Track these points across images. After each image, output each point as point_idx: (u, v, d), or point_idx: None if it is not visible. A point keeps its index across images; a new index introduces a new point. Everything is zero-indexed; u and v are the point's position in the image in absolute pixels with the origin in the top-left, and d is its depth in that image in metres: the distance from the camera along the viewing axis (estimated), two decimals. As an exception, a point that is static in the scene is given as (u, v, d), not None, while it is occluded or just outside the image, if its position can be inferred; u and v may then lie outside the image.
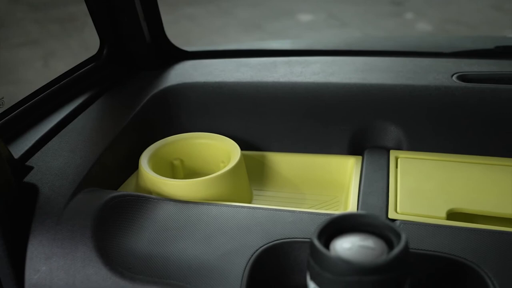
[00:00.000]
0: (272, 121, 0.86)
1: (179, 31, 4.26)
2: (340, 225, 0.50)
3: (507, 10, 4.26)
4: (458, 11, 4.34)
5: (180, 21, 4.49)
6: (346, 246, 0.48)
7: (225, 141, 0.82)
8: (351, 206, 0.70)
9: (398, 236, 0.48)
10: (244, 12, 4.64)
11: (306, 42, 1.18)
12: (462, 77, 0.88)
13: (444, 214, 0.68)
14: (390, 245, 0.48)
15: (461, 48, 1.02)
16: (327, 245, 0.49)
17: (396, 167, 0.78)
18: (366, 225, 0.50)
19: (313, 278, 0.48)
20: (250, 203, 0.80)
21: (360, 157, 0.82)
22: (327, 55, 1.02)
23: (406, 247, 0.46)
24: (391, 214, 0.68)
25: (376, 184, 0.74)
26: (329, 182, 0.82)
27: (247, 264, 0.59)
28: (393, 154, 0.81)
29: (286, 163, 0.85)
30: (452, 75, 0.88)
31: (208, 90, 0.90)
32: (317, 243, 0.47)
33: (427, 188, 0.73)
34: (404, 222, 0.66)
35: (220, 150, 0.81)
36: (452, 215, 0.69)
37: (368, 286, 0.45)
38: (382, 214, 0.68)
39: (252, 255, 0.60)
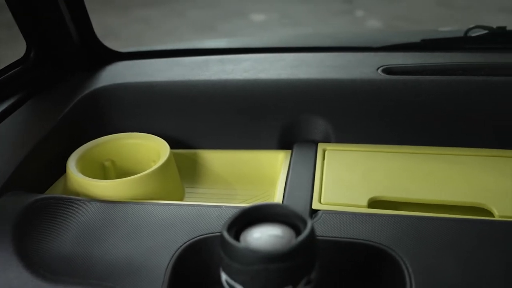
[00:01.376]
0: (203, 119, 0.87)
1: (132, 34, 4.22)
2: (251, 217, 0.51)
3: (451, 6, 4.39)
4: (406, 7, 4.45)
5: (133, 24, 4.45)
6: (256, 236, 0.49)
7: (155, 140, 0.82)
8: (277, 199, 0.72)
9: (305, 224, 0.49)
10: (197, 14, 4.64)
11: (240, 41, 1.19)
12: (387, 70, 0.91)
13: (365, 203, 0.70)
14: (298, 233, 0.49)
15: (389, 43, 1.05)
16: (238, 236, 0.50)
17: (323, 159, 0.80)
18: (276, 215, 0.51)
19: (224, 269, 0.49)
20: (181, 200, 0.80)
21: (289, 151, 0.83)
22: (259, 52, 1.03)
23: (311, 235, 0.48)
24: (315, 205, 0.70)
25: (302, 177, 0.75)
26: (259, 176, 0.84)
27: (170, 259, 0.60)
28: (321, 146, 0.83)
29: (217, 160, 0.86)
30: (378, 69, 0.91)
31: (139, 91, 0.90)
32: (225, 234, 0.48)
33: (351, 179, 0.75)
34: (327, 212, 0.67)
35: (150, 150, 0.82)
36: (373, 203, 0.71)
37: (274, 273, 0.46)
38: (307, 205, 0.70)
39: (176, 251, 0.61)
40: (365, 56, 0.98)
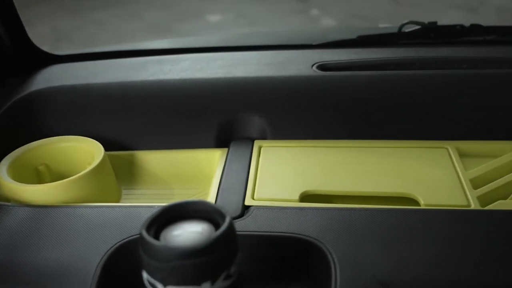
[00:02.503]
0: (140, 120, 0.87)
1: (85, 37, 4.15)
2: (172, 215, 0.51)
3: (402, 3, 4.49)
4: (359, 5, 4.52)
5: (87, 27, 4.37)
6: (176, 233, 0.50)
7: (89, 142, 0.81)
8: (210, 197, 0.72)
9: (225, 219, 0.50)
10: (153, 15, 4.59)
11: (180, 41, 1.19)
12: (322, 67, 0.93)
13: (297, 197, 0.71)
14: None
15: (327, 40, 1.07)
16: (159, 234, 0.50)
17: (259, 156, 0.81)
18: (197, 212, 0.52)
19: (144, 268, 0.49)
20: (118, 202, 0.80)
21: (226, 149, 0.84)
22: (198, 52, 1.04)
23: (228, 229, 0.48)
24: (248, 201, 0.70)
25: (237, 174, 0.76)
26: (197, 175, 0.84)
27: (100, 261, 0.60)
28: (257, 144, 0.84)
29: (155, 160, 0.86)
30: (313, 65, 0.93)
31: (75, 93, 0.89)
32: (143, 233, 0.48)
33: (285, 174, 0.76)
34: (259, 208, 0.68)
35: (85, 152, 0.81)
36: (305, 197, 0.73)
37: (191, 269, 0.46)
38: (239, 201, 0.70)
39: (106, 252, 0.61)
40: (303, 54, 1.00)
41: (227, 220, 0.49)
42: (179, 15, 4.52)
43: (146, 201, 0.81)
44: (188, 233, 0.50)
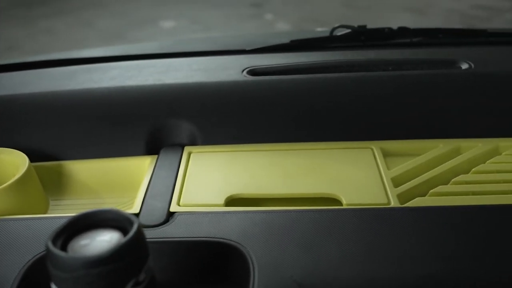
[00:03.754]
0: (68, 130, 0.86)
1: (37, 46, 4.07)
2: (81, 224, 0.51)
3: (355, 6, 4.57)
4: (313, 9, 4.59)
5: (38, 36, 4.29)
6: (83, 243, 0.49)
7: (13, 154, 0.80)
8: (136, 205, 0.72)
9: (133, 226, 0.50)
10: (106, 23, 4.55)
11: (111, 49, 1.18)
12: (252, 72, 0.94)
13: (222, 202, 0.72)
14: (128, 237, 0.50)
15: (261, 45, 1.08)
16: (66, 245, 0.50)
17: (188, 162, 0.81)
18: (107, 221, 0.52)
19: (52, 279, 0.49)
20: (45, 213, 0.79)
21: (156, 157, 0.84)
22: (130, 60, 1.03)
23: (134, 236, 0.48)
24: (173, 208, 0.71)
25: (164, 181, 0.76)
26: (126, 184, 0.83)
27: (18, 273, 0.59)
28: (187, 150, 0.84)
29: (84, 170, 0.85)
30: (243, 70, 0.94)
31: (0, 105, 0.88)
32: (48, 244, 0.48)
33: (212, 179, 0.77)
34: (183, 214, 0.69)
35: (9, 164, 0.79)
36: (231, 201, 0.73)
37: (96, 277, 0.46)
38: (165, 208, 0.70)
39: (25, 264, 0.60)
40: (235, 59, 1.01)
41: (134, 227, 0.49)
42: (132, 22, 4.49)
43: (75, 211, 0.79)
44: (96, 242, 0.49)
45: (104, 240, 0.49)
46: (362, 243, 0.62)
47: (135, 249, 0.48)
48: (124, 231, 0.51)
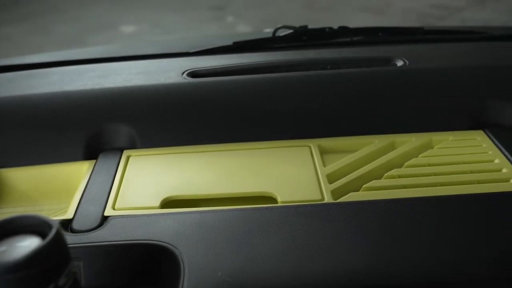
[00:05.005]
0: (6, 137, 0.85)
1: (-7, 52, 3.98)
2: (1, 231, 0.51)
3: (315, 8, 4.62)
4: (274, 11, 4.61)
5: (-5, 42, 4.20)
6: (2, 249, 0.49)
7: None
8: (70, 210, 0.72)
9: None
10: (64, 28, 4.48)
11: (51, 55, 1.17)
12: (192, 74, 0.94)
13: (158, 204, 0.72)
14: (48, 242, 0.50)
15: (205, 47, 1.09)
16: (-15, 251, 0.49)
17: (126, 165, 0.81)
18: (27, 226, 0.51)
19: (-32, 288, 0.48)
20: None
21: (94, 161, 0.83)
22: (70, 65, 1.03)
23: (52, 241, 0.48)
24: (108, 212, 0.70)
25: (101, 185, 0.76)
26: (65, 189, 0.83)
27: None
28: (126, 153, 0.84)
29: (22, 178, 0.84)
30: (183, 73, 0.94)
31: None
32: (-37, 252, 0.47)
33: (149, 182, 0.77)
34: (118, 217, 0.69)
35: None
36: (168, 203, 0.73)
37: (13, 284, 0.46)
38: (99, 212, 0.70)
39: None
40: (177, 62, 1.01)
41: (52, 232, 0.49)
42: (92, 26, 4.44)
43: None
44: (14, 248, 0.49)
45: (22, 246, 0.49)
46: (294, 239, 0.63)
47: (54, 254, 0.48)
48: (44, 236, 0.51)
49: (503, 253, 0.60)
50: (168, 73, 0.94)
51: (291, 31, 1.09)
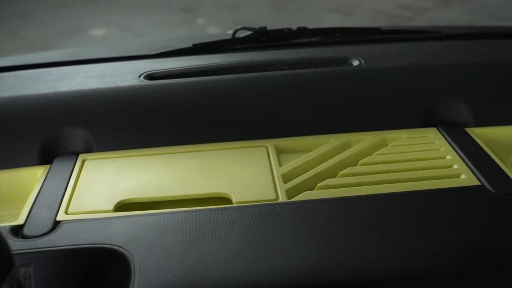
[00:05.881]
0: None
1: (-41, 58, 3.89)
2: None
3: (285, 9, 4.64)
4: (245, 13, 4.62)
5: (-39, 47, 4.11)
6: None
7: None
8: (22, 215, 0.71)
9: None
10: (33, 32, 4.41)
11: (8, 59, 1.15)
12: (149, 76, 0.94)
13: (112, 207, 0.72)
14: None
15: (164, 49, 1.08)
16: None
17: (81, 170, 0.80)
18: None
19: None
20: None
21: (48, 166, 0.82)
22: (27, 69, 1.01)
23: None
24: (60, 216, 0.70)
25: (54, 190, 0.75)
26: (18, 195, 0.81)
27: None
28: (81, 157, 0.83)
29: (-26, 184, 0.82)
30: (140, 75, 0.94)
31: None
32: None
33: (105, 185, 0.76)
34: (70, 222, 0.68)
35: None
36: (122, 206, 0.73)
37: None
38: (51, 217, 0.69)
39: None
40: (135, 64, 1.00)
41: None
42: (61, 30, 4.37)
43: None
44: None
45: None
46: (246, 239, 0.63)
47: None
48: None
49: (452, 247, 0.61)
50: (125, 75, 0.93)
51: (250, 32, 1.09)
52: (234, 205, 0.72)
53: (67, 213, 0.71)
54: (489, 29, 1.18)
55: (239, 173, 0.78)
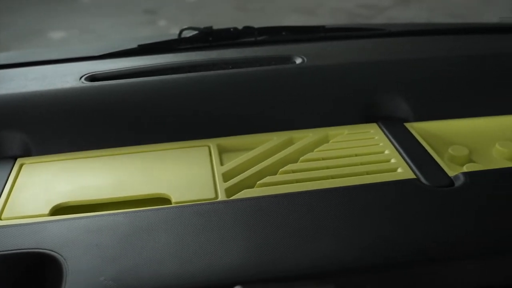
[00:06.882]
0: None
1: None
2: None
3: (247, 9, 4.65)
4: (207, 14, 4.61)
5: None
6: None
7: None
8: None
9: None
10: (-12, 36, 4.30)
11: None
12: (91, 77, 0.93)
13: (47, 211, 0.70)
14: None
15: (109, 50, 1.07)
16: None
17: (18, 174, 0.79)
18: None
19: None
20: None
21: None
22: None
23: None
24: (-7, 222, 0.68)
25: None
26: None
27: None
28: (19, 162, 0.81)
29: None
30: (81, 77, 0.92)
31: None
32: None
33: (41, 189, 0.75)
34: (3, 227, 0.67)
35: None
36: (59, 210, 0.72)
37: None
38: (-18, 223, 0.68)
39: None
40: (77, 66, 0.99)
41: None
42: (19, 33, 4.28)
43: None
44: None
45: None
46: (183, 239, 0.63)
47: None
48: None
49: (385, 240, 0.62)
50: (66, 77, 0.92)
51: (196, 32, 1.09)
52: (172, 205, 0.72)
53: (0, 219, 0.69)
54: (430, 25, 1.21)
55: (180, 173, 0.78)
